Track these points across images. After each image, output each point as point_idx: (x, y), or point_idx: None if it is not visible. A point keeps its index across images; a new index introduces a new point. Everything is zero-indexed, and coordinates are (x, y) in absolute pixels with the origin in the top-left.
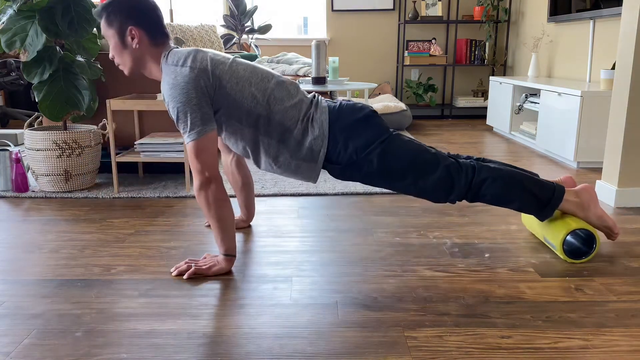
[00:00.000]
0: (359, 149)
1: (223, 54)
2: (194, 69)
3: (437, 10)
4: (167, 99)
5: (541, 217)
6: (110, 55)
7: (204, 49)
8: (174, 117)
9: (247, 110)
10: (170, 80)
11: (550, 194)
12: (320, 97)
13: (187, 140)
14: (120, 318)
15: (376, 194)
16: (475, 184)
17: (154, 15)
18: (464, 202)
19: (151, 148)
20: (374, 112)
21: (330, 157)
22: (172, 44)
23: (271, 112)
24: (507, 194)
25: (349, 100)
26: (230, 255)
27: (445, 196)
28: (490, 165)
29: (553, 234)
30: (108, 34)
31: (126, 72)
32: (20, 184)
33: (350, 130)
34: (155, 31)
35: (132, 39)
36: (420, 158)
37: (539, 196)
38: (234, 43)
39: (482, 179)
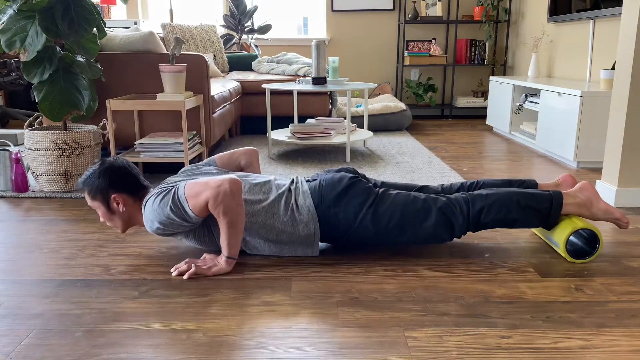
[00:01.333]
0: (350, 220)
1: (185, 172)
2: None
3: (437, 10)
4: (151, 223)
5: (547, 227)
6: (101, 220)
7: (176, 181)
8: (165, 218)
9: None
10: (145, 213)
11: (549, 204)
12: (299, 179)
13: (188, 211)
14: (120, 318)
15: None
16: (473, 217)
17: (130, 176)
18: None
19: (151, 148)
20: (354, 177)
21: (326, 235)
22: (151, 190)
23: (252, 215)
24: (507, 216)
25: (327, 171)
26: (232, 258)
27: (449, 236)
28: (482, 193)
29: (557, 233)
30: (94, 205)
31: (120, 231)
32: (20, 184)
33: (336, 205)
34: (135, 190)
35: (117, 204)
36: (411, 209)
37: (538, 210)
38: (234, 43)
39: (478, 210)
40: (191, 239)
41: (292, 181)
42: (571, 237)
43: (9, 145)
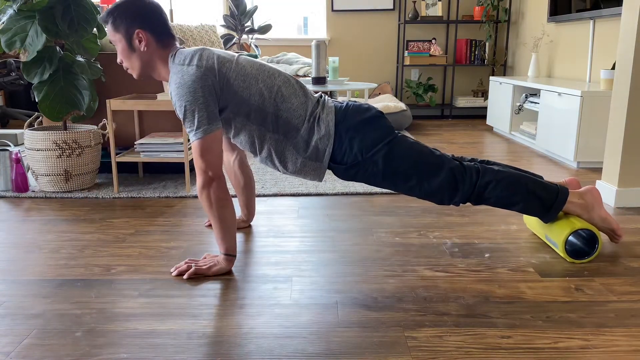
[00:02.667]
0: (364, 150)
1: (229, 52)
2: (201, 67)
3: (437, 10)
4: (175, 97)
5: (545, 219)
6: (119, 60)
7: (210, 48)
8: (180, 115)
9: (255, 107)
10: (177, 79)
11: (554, 196)
12: (326, 97)
13: (192, 138)
14: (120, 318)
15: (376, 194)
16: (480, 187)
17: (160, 16)
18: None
19: (151, 148)
20: (381, 113)
21: (336, 156)
22: (178, 44)
23: (279, 109)
24: (511, 197)
25: (355, 101)
26: (230, 255)
27: (449, 198)
28: (494, 168)
29: (556, 234)
30: (115, 39)
31: (135, 75)
32: (20, 184)
33: (356, 130)
34: (161, 33)
35: (140, 42)
36: (425, 160)
37: (543, 199)
38: (234, 43)
39: (486, 182)
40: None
41: (321, 95)
42: (570, 237)
43: (9, 145)
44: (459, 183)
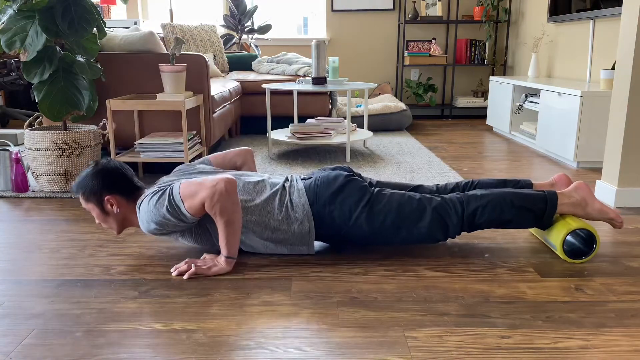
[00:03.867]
0: (345, 219)
1: (180, 171)
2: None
3: (437, 10)
4: (147, 224)
5: (542, 227)
6: (97, 222)
7: (170, 181)
8: (160, 218)
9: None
10: (140, 214)
11: (543, 204)
12: (294, 177)
13: (176, 192)
14: (120, 318)
15: None
16: (467, 217)
17: (123, 178)
18: None
19: (151, 148)
20: (349, 176)
21: (321, 233)
22: (146, 191)
23: (247, 214)
24: (501, 217)
25: (323, 170)
26: (232, 257)
27: (443, 236)
28: (476, 194)
29: (553, 235)
30: (89, 207)
31: (116, 233)
32: (20, 184)
33: (331, 203)
34: (129, 191)
35: (112, 205)
36: (406, 209)
37: (532, 210)
38: (234, 43)
39: (472, 210)
40: (187, 238)
41: (287, 179)
42: (568, 237)
43: (9, 145)
44: (446, 219)
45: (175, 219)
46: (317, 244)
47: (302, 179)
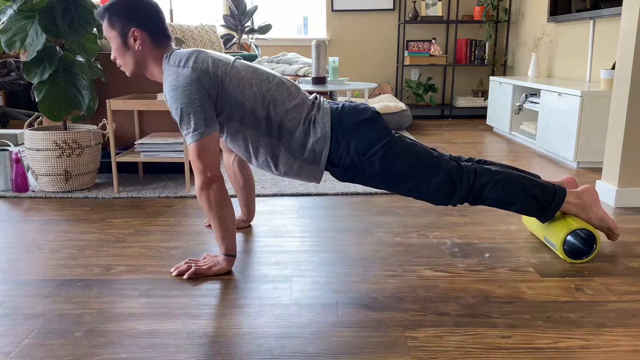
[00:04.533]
0: (361, 152)
1: (224, 55)
2: (196, 69)
3: (437, 10)
4: (170, 100)
5: (542, 219)
6: (112, 57)
7: (206, 50)
8: (177, 118)
9: (249, 111)
10: (172, 81)
11: (552, 196)
12: (322, 98)
13: (189, 141)
14: (120, 318)
15: (376, 194)
16: (477, 188)
17: (157, 16)
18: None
19: (151, 148)
20: (377, 113)
21: (333, 159)
22: (173, 45)
23: (273, 113)
24: (509, 197)
25: (351, 102)
26: (230, 255)
27: (447, 199)
28: (491, 169)
29: (554, 234)
30: (110, 36)
31: (128, 73)
32: (20, 184)
33: (352, 132)
34: (157, 33)
35: (135, 40)
36: (422, 161)
37: (540, 199)
38: (234, 43)
39: (483, 183)
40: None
41: (316, 97)
42: (568, 237)
43: (9, 145)
44: (456, 184)
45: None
46: (317, 243)
47: (328, 102)
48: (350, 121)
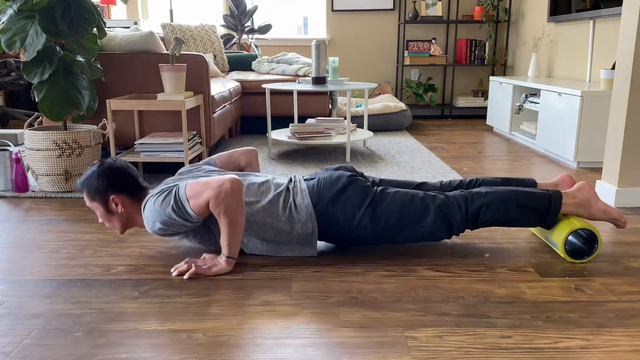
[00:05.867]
0: (348, 219)
1: (186, 172)
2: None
3: (437, 10)
4: (152, 224)
5: (546, 227)
6: (100, 222)
7: (170, 179)
8: (162, 220)
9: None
10: (145, 214)
11: (548, 203)
12: (297, 177)
13: (182, 193)
14: (120, 318)
15: None
16: (472, 215)
17: (128, 177)
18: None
19: (151, 148)
20: (352, 176)
21: (326, 233)
22: (150, 191)
23: (250, 215)
24: (506, 215)
25: (326, 170)
26: (232, 258)
27: (447, 234)
28: (481, 191)
29: (555, 234)
30: (93, 206)
31: (118, 232)
32: (20, 184)
33: (335, 204)
34: (133, 191)
35: (116, 205)
36: (409, 207)
37: (537, 209)
38: (234, 43)
39: (477, 208)
40: (191, 239)
41: (290, 180)
42: (570, 237)
43: (9, 145)
44: (450, 217)
45: (180, 218)
46: (319, 244)
47: (305, 180)
48: (329, 194)
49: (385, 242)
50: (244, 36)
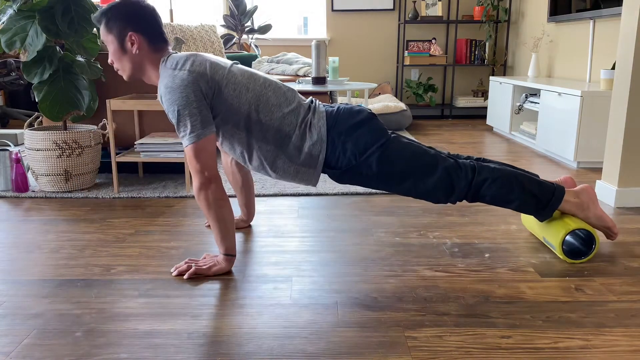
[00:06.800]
0: (357, 154)
1: (222, 59)
2: (193, 72)
3: (437, 10)
4: (166, 102)
5: (540, 217)
6: (110, 60)
7: (203, 54)
8: (173, 120)
9: (245, 116)
10: (168, 83)
11: (550, 194)
12: (318, 102)
13: (186, 142)
14: (120, 318)
15: (376, 194)
16: (475, 185)
17: (153, 20)
18: (464, 201)
19: (151, 148)
20: (372, 114)
21: (330, 161)
22: (170, 49)
23: (269, 118)
24: (507, 195)
25: (347, 104)
26: (230, 255)
27: (445, 197)
28: (490, 166)
29: (552, 234)
30: (107, 40)
31: (125, 77)
32: (20, 184)
33: (348, 134)
34: (154, 37)
35: (132, 44)
36: (419, 161)
37: (538, 197)
38: (234, 43)
39: (482, 180)
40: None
41: (312, 100)
42: (567, 237)
43: (9, 145)
44: (454, 181)
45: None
46: (317, 244)
47: (323, 105)
48: (345, 123)
49: (383, 189)
50: (244, 36)
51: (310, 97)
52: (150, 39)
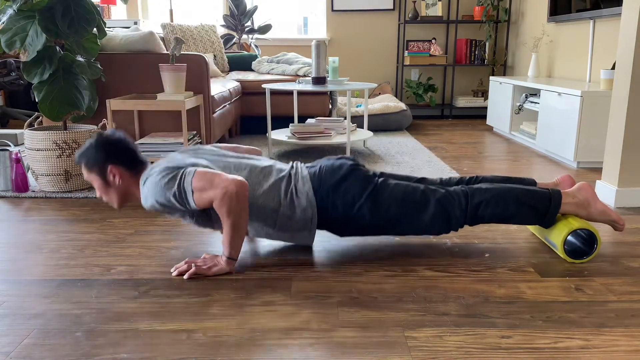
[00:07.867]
0: (348, 207)
1: (191, 151)
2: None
3: (437, 10)
4: (150, 200)
5: (544, 225)
6: (98, 195)
7: (175, 154)
8: (164, 202)
9: None
10: (144, 191)
11: (547, 202)
12: (299, 164)
13: (188, 189)
14: (120, 318)
15: None
16: (471, 210)
17: (127, 149)
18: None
19: (151, 148)
20: (354, 165)
21: (324, 221)
22: (149, 165)
23: (252, 198)
24: (505, 212)
25: (328, 159)
26: (233, 259)
27: (445, 228)
28: (482, 187)
29: (554, 234)
30: (90, 178)
31: (115, 206)
32: (20, 184)
33: (335, 191)
34: (132, 163)
35: (114, 177)
36: (409, 199)
37: (536, 207)
38: (234, 43)
39: (476, 204)
40: (187, 218)
41: (292, 166)
42: (569, 237)
43: (9, 145)
44: (449, 211)
45: (179, 204)
46: (319, 242)
47: (306, 167)
48: (329, 181)
49: (384, 233)
50: (244, 36)
51: (291, 162)
52: (129, 165)
